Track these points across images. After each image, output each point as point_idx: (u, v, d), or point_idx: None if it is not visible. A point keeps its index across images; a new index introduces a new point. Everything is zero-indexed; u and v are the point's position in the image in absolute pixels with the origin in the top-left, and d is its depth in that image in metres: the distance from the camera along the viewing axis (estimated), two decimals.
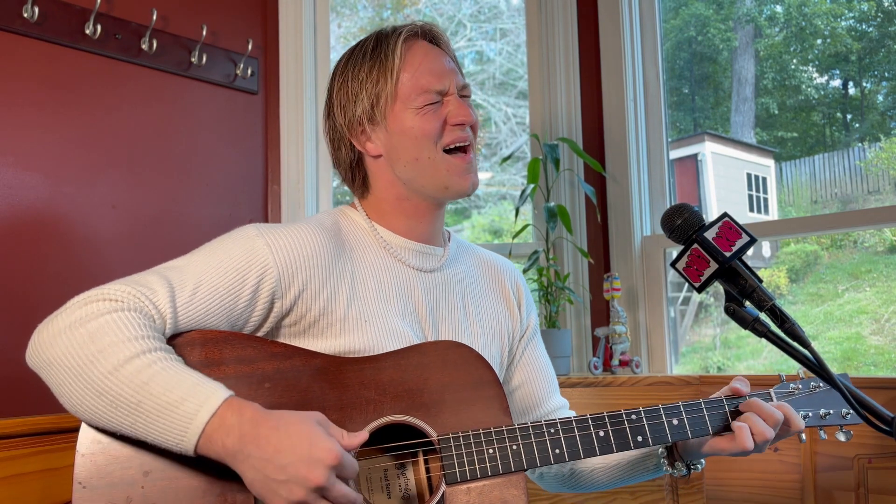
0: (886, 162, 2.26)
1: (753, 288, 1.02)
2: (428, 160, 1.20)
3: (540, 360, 1.41)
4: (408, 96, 1.19)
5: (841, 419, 1.24)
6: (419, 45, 1.23)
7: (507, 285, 1.38)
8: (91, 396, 0.95)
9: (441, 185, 1.21)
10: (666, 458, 1.25)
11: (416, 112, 1.19)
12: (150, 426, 0.94)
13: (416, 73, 1.19)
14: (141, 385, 0.93)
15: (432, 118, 1.20)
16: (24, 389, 1.82)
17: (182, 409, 0.93)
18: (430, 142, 1.19)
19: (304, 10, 2.50)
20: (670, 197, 2.52)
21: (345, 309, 1.15)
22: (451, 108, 1.21)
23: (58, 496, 1.38)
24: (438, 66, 1.22)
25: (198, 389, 0.94)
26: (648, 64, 2.54)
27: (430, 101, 1.19)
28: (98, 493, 0.98)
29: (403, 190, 1.24)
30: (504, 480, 1.09)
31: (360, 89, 1.20)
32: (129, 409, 0.94)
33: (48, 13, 1.96)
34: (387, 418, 1.09)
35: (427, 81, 1.19)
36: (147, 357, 0.95)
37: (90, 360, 0.95)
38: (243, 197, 2.39)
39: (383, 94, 1.19)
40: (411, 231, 1.26)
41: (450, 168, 1.21)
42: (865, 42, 2.32)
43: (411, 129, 1.19)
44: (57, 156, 1.99)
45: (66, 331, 0.97)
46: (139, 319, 0.99)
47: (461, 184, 1.22)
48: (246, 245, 1.11)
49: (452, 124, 1.20)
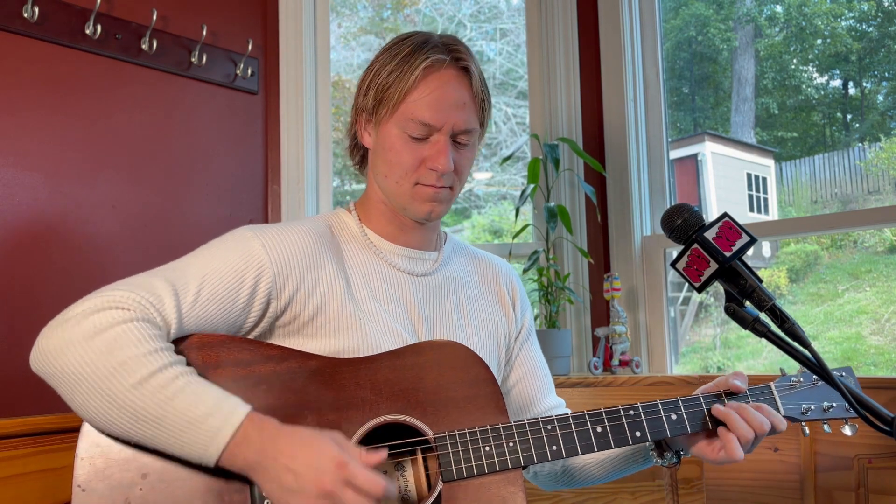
0: (886, 162, 2.26)
1: (753, 288, 1.02)
2: (395, 184, 1.21)
3: (535, 360, 1.41)
4: (400, 115, 1.18)
5: (845, 412, 1.22)
6: (442, 73, 1.19)
7: (501, 285, 1.38)
8: (110, 409, 0.96)
9: (400, 205, 1.23)
10: (654, 449, 1.25)
11: (401, 135, 1.18)
12: (173, 440, 0.96)
13: (419, 99, 1.17)
14: (165, 400, 0.95)
15: (412, 152, 1.18)
16: (25, 389, 1.82)
17: (206, 424, 0.95)
18: (402, 170, 1.19)
19: (304, 10, 2.50)
20: (670, 197, 2.52)
21: (338, 308, 1.16)
22: (431, 151, 1.18)
23: (58, 496, 1.38)
24: (446, 100, 1.18)
25: (221, 405, 0.97)
26: (648, 64, 2.54)
27: (415, 134, 1.18)
28: (97, 496, 0.98)
29: (382, 195, 1.26)
30: (502, 478, 1.09)
31: (374, 85, 1.21)
32: (152, 423, 0.96)
33: (48, 13, 1.96)
34: (383, 418, 1.09)
35: (421, 113, 1.17)
36: (169, 372, 0.97)
37: (110, 374, 0.96)
38: (243, 197, 2.39)
39: (388, 101, 1.19)
40: (400, 237, 1.27)
41: (414, 195, 1.21)
42: (865, 42, 2.32)
43: (391, 149, 1.19)
44: (57, 156, 1.99)
45: (80, 341, 0.97)
46: (152, 331, 1.00)
47: (419, 209, 1.22)
48: (242, 247, 1.12)
49: (428, 167, 1.19)
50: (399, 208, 1.24)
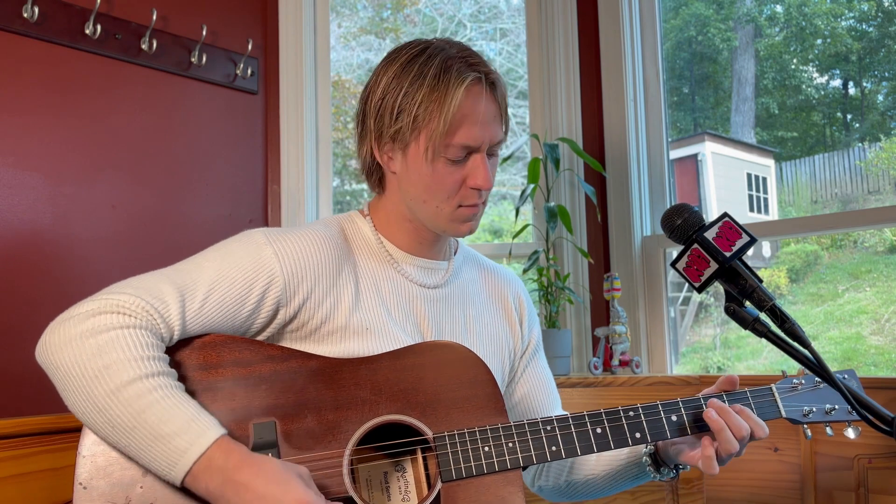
0: (886, 162, 2.26)
1: (753, 288, 1.02)
2: (436, 208, 1.19)
3: (541, 375, 1.41)
4: (439, 139, 1.13)
5: (847, 415, 1.22)
6: (477, 92, 1.16)
7: (509, 299, 1.38)
8: (91, 410, 0.96)
9: (438, 227, 1.22)
10: (651, 465, 1.25)
11: (437, 158, 1.15)
12: (142, 452, 0.96)
13: (460, 124, 1.14)
14: (138, 412, 0.95)
15: (452, 174, 1.16)
16: (26, 389, 1.83)
17: (174, 443, 0.94)
18: (442, 195, 1.17)
19: (304, 10, 2.50)
20: (670, 197, 2.52)
21: (347, 317, 1.16)
22: (471, 170, 1.17)
23: (60, 496, 1.38)
24: (484, 121, 1.16)
25: (191, 426, 0.95)
26: (648, 64, 2.54)
27: (456, 157, 1.15)
28: (98, 494, 0.98)
29: (408, 213, 1.24)
30: (501, 478, 1.09)
31: (405, 109, 1.14)
32: (125, 431, 0.95)
33: (48, 13, 1.96)
34: (382, 418, 1.09)
35: (464, 138, 1.14)
36: (148, 382, 0.96)
37: (94, 376, 0.96)
38: (243, 197, 2.39)
39: (428, 129, 1.13)
40: (415, 248, 1.26)
41: (453, 217, 1.20)
42: (865, 42, 2.32)
43: (429, 175, 1.16)
44: (57, 156, 1.99)
45: (76, 340, 0.98)
46: (146, 338, 0.99)
47: (458, 230, 1.22)
48: (254, 254, 1.11)
49: (470, 187, 1.17)
50: (434, 228, 1.22)
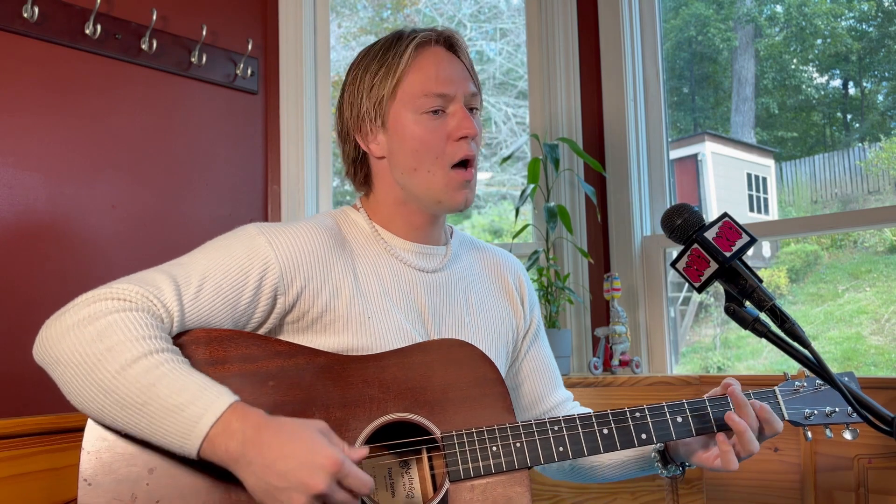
0: (886, 162, 2.26)
1: (753, 288, 1.02)
2: (427, 173, 1.18)
3: (544, 355, 1.42)
4: (409, 98, 1.17)
5: (847, 417, 1.23)
6: (432, 50, 1.20)
7: (509, 281, 1.38)
8: (98, 395, 0.95)
9: (434, 198, 1.20)
10: (659, 461, 1.26)
11: (417, 118, 1.17)
12: (155, 427, 0.94)
13: (421, 76, 1.17)
14: (147, 386, 0.94)
15: (435, 130, 1.17)
16: (26, 389, 1.83)
17: (187, 412, 0.93)
18: (430, 155, 1.18)
19: (304, 10, 2.50)
20: (670, 197, 2.52)
21: (347, 306, 1.15)
22: (454, 122, 1.18)
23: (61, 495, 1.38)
24: (447, 71, 1.19)
25: (203, 393, 0.94)
26: (648, 64, 2.54)
27: (432, 107, 1.17)
28: (103, 490, 0.98)
29: (402, 195, 1.23)
30: (508, 478, 1.10)
31: (365, 87, 1.20)
32: (135, 409, 0.94)
33: (48, 13, 1.96)
34: (390, 416, 1.09)
35: (431, 85, 1.17)
36: (154, 358, 0.96)
37: (97, 359, 0.95)
38: (243, 197, 2.39)
39: (385, 93, 1.18)
40: (411, 233, 1.26)
41: (448, 182, 1.19)
42: (865, 42, 2.32)
43: (412, 137, 1.18)
44: (57, 156, 1.99)
45: (74, 328, 0.97)
46: (147, 319, 0.99)
47: (455, 198, 1.20)
48: (247, 243, 1.12)
49: (456, 138, 1.18)
50: (433, 203, 1.21)
